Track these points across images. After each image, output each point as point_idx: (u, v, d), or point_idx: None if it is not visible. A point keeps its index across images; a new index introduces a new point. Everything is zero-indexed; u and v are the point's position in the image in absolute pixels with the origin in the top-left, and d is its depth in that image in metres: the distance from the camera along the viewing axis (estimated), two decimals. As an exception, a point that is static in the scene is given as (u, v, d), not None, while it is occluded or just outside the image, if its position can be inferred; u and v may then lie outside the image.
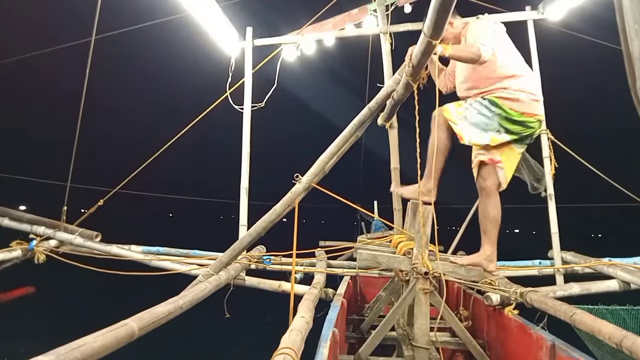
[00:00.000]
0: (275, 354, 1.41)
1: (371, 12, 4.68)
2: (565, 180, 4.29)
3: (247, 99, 4.28)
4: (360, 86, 6.13)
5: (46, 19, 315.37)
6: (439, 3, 1.53)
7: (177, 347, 7.88)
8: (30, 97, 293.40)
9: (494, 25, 2.55)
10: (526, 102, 2.45)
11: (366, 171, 10.11)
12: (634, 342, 1.58)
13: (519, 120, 2.45)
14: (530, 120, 2.47)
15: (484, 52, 2.31)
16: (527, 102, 2.46)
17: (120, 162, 53.28)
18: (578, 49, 72.02)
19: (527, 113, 2.45)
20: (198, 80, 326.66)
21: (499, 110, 2.46)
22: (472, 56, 2.33)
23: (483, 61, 2.34)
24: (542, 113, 2.57)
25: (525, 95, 2.46)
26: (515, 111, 2.45)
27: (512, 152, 2.57)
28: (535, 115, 2.49)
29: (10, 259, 3.67)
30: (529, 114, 2.46)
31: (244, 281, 3.44)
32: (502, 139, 2.49)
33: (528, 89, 2.49)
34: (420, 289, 2.18)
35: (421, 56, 2.05)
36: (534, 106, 2.49)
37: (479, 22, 2.57)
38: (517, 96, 2.45)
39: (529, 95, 2.47)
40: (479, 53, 2.30)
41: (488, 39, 2.37)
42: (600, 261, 3.30)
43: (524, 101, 2.45)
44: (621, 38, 0.88)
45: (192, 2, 3.63)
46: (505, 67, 2.50)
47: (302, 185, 2.78)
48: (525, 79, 2.53)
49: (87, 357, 1.25)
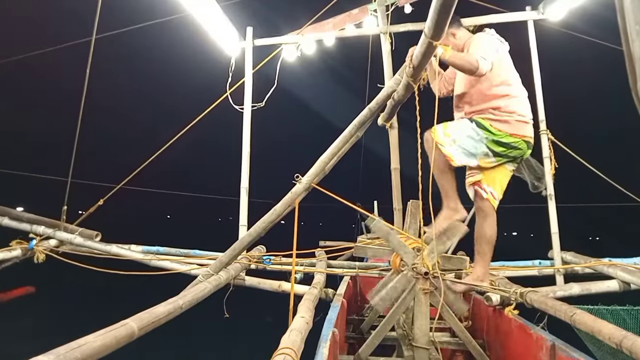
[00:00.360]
0: (275, 354, 1.41)
1: (371, 12, 4.68)
2: (565, 180, 4.29)
3: (247, 99, 4.28)
4: (360, 86, 6.12)
5: (46, 19, 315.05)
6: (440, 4, 1.53)
7: (177, 347, 7.88)
8: (30, 97, 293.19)
9: (498, 43, 2.53)
10: (514, 124, 2.45)
11: (366, 171, 10.11)
12: (634, 342, 1.58)
13: (507, 142, 2.44)
14: (518, 142, 2.46)
15: (482, 65, 2.28)
16: (515, 123, 2.45)
17: (120, 162, 53.29)
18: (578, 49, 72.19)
19: (515, 134, 2.45)
20: (198, 80, 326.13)
21: (486, 134, 2.44)
22: (469, 66, 2.30)
23: (480, 74, 2.31)
24: (531, 134, 2.55)
25: (514, 117, 2.45)
26: (502, 132, 2.44)
27: (504, 171, 2.58)
28: (524, 137, 2.48)
29: (10, 259, 3.67)
30: (517, 135, 2.45)
31: (244, 281, 3.44)
32: (490, 162, 2.50)
33: (519, 111, 2.47)
34: (420, 289, 2.18)
35: (422, 57, 2.05)
36: (523, 128, 2.48)
37: (483, 36, 2.55)
38: (506, 118, 2.44)
39: (518, 117, 2.46)
40: (477, 65, 2.27)
41: (489, 54, 2.35)
42: (600, 261, 3.29)
43: (512, 123, 2.45)
44: (622, 38, 0.88)
45: (192, 2, 3.63)
46: (500, 87, 2.49)
47: (302, 186, 2.78)
48: (518, 100, 2.51)
49: (87, 357, 1.25)
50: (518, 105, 2.49)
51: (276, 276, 3.53)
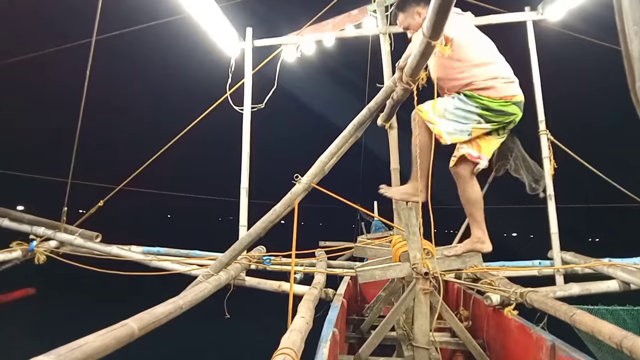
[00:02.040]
0: (275, 354, 1.41)
1: (371, 13, 4.68)
2: (565, 180, 4.29)
3: (247, 99, 4.28)
4: (360, 87, 6.13)
5: (46, 18, 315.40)
6: (438, 4, 1.53)
7: (177, 347, 7.88)
8: (30, 97, 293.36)
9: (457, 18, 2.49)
10: (501, 87, 2.42)
11: (366, 171, 10.12)
12: (634, 342, 1.58)
13: (499, 109, 2.42)
14: (508, 104, 2.43)
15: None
16: (501, 86, 2.43)
17: (119, 163, 53.32)
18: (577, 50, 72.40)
19: (504, 97, 2.42)
20: (198, 81, 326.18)
21: (476, 103, 2.42)
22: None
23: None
24: (520, 93, 2.51)
25: (499, 80, 2.43)
26: (492, 98, 2.41)
27: (494, 140, 2.55)
28: (513, 96, 2.45)
29: (11, 260, 3.67)
30: (506, 96, 2.43)
31: (244, 281, 3.45)
32: (483, 128, 2.46)
33: (501, 74, 2.45)
34: (420, 289, 2.18)
35: (420, 57, 2.05)
36: (510, 88, 2.45)
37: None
38: (490, 84, 2.42)
39: (502, 79, 2.44)
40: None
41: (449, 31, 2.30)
42: (600, 261, 3.30)
43: (497, 87, 2.42)
44: (620, 39, 0.88)
45: (192, 3, 3.64)
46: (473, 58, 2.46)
47: (302, 186, 2.78)
48: (496, 64, 2.49)
49: (87, 357, 1.25)
50: (499, 69, 2.47)
51: (276, 276, 3.53)
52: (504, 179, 4.01)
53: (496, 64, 2.49)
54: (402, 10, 2.68)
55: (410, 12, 2.64)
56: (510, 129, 2.60)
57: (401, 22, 2.72)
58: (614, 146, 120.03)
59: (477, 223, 2.53)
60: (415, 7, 2.61)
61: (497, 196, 4.74)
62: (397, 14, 2.73)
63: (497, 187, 4.02)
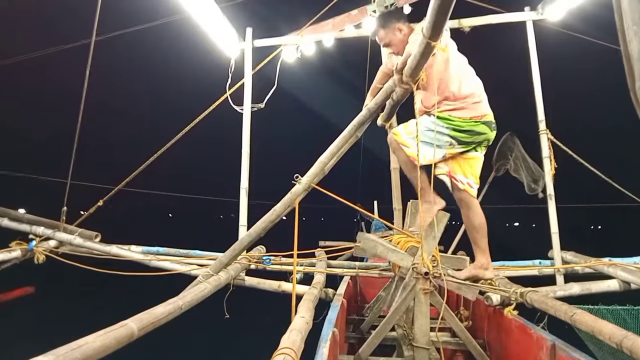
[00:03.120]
0: (275, 354, 1.41)
1: (371, 13, 4.68)
2: (565, 180, 4.30)
3: (247, 99, 4.28)
4: (359, 87, 6.13)
5: (46, 19, 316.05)
6: (438, 4, 1.53)
7: (177, 347, 7.88)
8: (30, 97, 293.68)
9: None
10: (471, 107, 2.45)
11: (366, 171, 10.13)
12: (634, 342, 1.58)
13: (468, 130, 2.45)
14: (478, 124, 2.45)
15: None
16: (471, 106, 2.45)
17: (119, 163, 53.37)
18: (577, 50, 72.07)
19: (473, 117, 2.45)
20: (198, 81, 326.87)
21: (446, 124, 2.45)
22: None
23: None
24: (489, 112, 2.52)
25: (469, 100, 2.45)
26: (462, 118, 2.44)
27: (474, 158, 2.57)
28: (482, 116, 2.47)
29: (10, 260, 3.67)
30: (475, 117, 2.45)
31: (244, 281, 3.44)
32: (455, 150, 2.50)
33: (472, 93, 2.47)
34: (420, 289, 2.18)
35: (420, 57, 2.05)
36: (479, 107, 2.48)
37: (414, 36, 2.48)
38: (461, 105, 2.44)
39: (473, 99, 2.46)
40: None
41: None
42: (601, 261, 3.29)
43: (468, 107, 2.45)
44: (620, 39, 0.88)
45: (192, 3, 3.64)
46: (447, 75, 2.47)
47: (301, 186, 2.78)
48: (467, 81, 2.50)
49: (87, 357, 1.25)
50: (468, 86, 2.48)
51: (276, 276, 3.53)
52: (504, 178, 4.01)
53: (467, 81, 2.50)
54: (383, 26, 2.69)
55: (391, 29, 2.65)
56: (486, 146, 2.61)
57: (382, 38, 2.73)
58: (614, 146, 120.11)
59: (482, 250, 2.56)
60: (396, 24, 2.63)
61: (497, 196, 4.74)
62: (378, 31, 2.73)
63: (497, 187, 4.03)
